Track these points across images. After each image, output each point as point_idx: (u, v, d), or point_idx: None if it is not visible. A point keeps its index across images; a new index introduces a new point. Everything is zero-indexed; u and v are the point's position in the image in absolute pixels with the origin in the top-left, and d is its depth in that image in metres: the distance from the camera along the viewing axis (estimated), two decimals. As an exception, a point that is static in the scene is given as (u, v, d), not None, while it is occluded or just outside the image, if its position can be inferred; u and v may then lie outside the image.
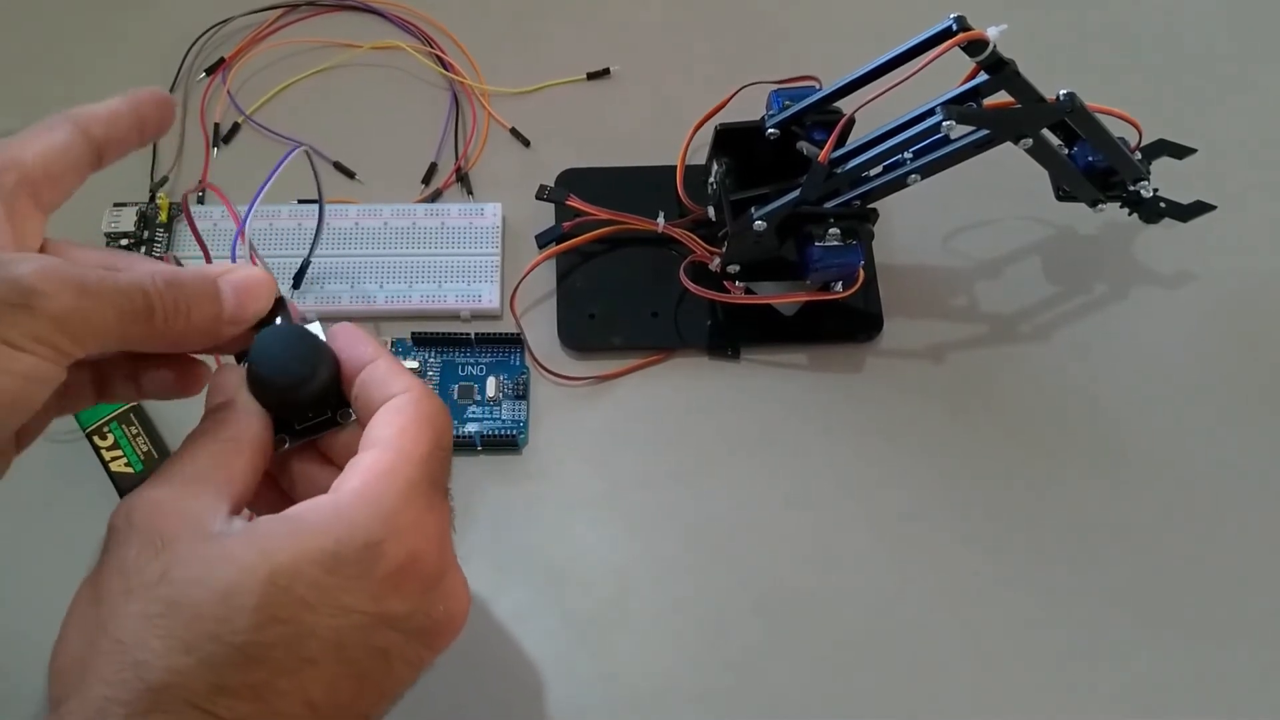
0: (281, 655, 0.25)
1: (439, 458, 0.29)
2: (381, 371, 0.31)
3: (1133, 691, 0.41)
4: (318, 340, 0.31)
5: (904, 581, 0.43)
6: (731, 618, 0.42)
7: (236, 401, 0.30)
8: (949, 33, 0.38)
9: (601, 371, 0.47)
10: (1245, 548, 0.44)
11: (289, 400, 0.30)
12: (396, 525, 0.27)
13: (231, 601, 0.25)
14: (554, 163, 0.51)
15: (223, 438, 0.29)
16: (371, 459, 0.28)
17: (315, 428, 0.31)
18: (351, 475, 0.28)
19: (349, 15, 0.55)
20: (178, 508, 0.27)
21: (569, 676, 0.41)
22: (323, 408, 0.31)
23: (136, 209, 0.48)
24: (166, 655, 0.24)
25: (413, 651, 0.28)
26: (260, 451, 0.30)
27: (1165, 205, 0.46)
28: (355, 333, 0.32)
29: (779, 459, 0.45)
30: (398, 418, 0.29)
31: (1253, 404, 0.46)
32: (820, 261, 0.43)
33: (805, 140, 0.43)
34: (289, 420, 0.31)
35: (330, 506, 0.27)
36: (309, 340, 0.31)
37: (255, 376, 0.30)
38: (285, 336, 0.31)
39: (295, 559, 0.26)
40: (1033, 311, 0.48)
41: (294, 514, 0.27)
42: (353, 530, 0.27)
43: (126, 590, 0.25)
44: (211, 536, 0.26)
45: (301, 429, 0.31)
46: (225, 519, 0.27)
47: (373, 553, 0.27)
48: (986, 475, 0.45)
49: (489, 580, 0.42)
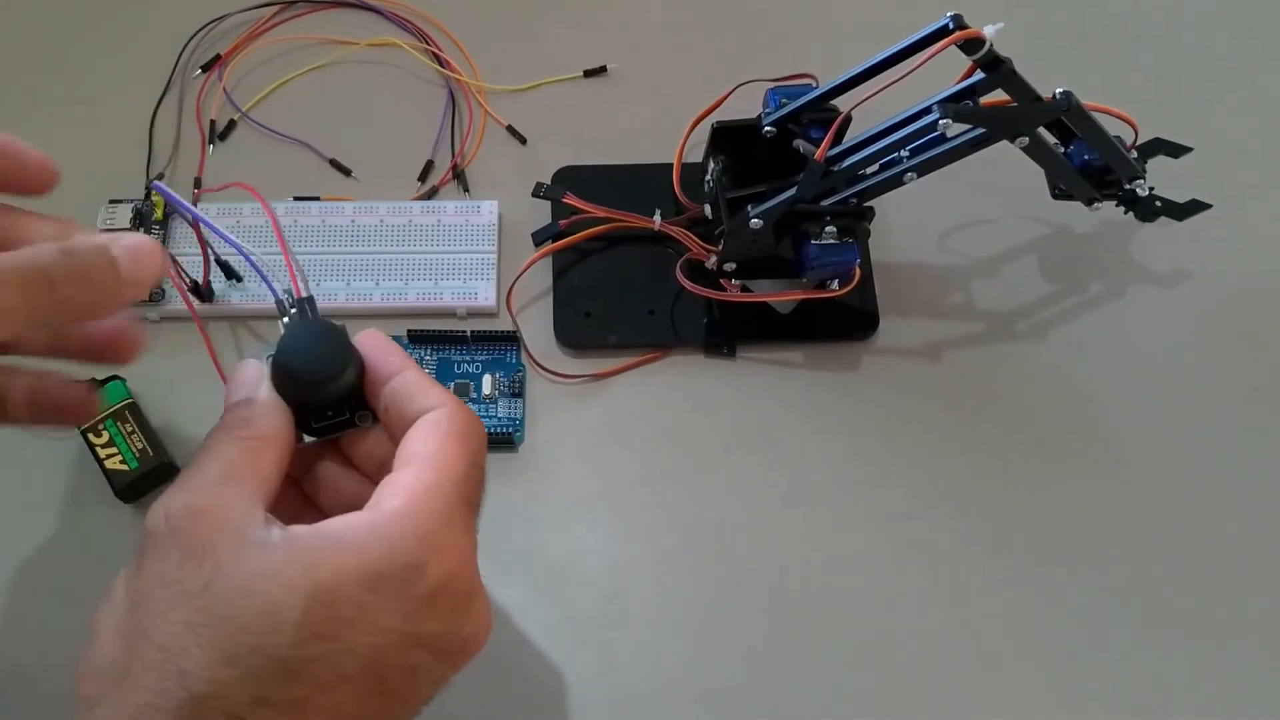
0: (321, 671, 0.25)
1: (475, 477, 0.30)
2: (413, 383, 0.31)
3: (1132, 690, 0.41)
4: (346, 338, 0.31)
5: (901, 580, 0.43)
6: (729, 616, 0.42)
7: (260, 397, 0.30)
8: (945, 31, 0.38)
9: (598, 369, 0.47)
10: (1244, 546, 0.44)
11: (314, 397, 0.30)
12: (436, 546, 0.27)
13: (276, 615, 0.25)
14: (550, 160, 0.51)
15: (250, 435, 0.29)
16: (411, 477, 0.28)
17: (333, 428, 0.31)
18: (391, 493, 0.28)
19: (345, 12, 0.55)
20: (217, 513, 0.27)
21: (567, 674, 0.41)
22: (342, 408, 0.31)
23: (132, 206, 0.48)
24: (210, 666, 0.25)
25: (438, 670, 0.29)
26: (286, 449, 0.30)
27: (1161, 204, 0.46)
28: (384, 340, 0.32)
29: (775, 457, 0.45)
30: (435, 434, 0.29)
31: (1250, 402, 0.47)
32: (816, 260, 0.43)
33: (802, 138, 0.43)
34: (307, 418, 0.31)
35: (370, 525, 0.27)
36: (338, 336, 0.30)
37: (281, 369, 0.30)
38: (315, 330, 0.30)
39: (338, 577, 0.26)
40: (1029, 310, 0.49)
41: (335, 530, 0.27)
42: (394, 551, 0.27)
43: (169, 598, 0.25)
44: (253, 545, 0.26)
45: (319, 428, 0.31)
46: (263, 525, 0.27)
47: (413, 574, 0.27)
48: (983, 474, 0.45)
49: (486, 578, 0.42)
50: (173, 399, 0.45)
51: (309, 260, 0.47)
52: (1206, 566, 0.43)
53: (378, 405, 0.31)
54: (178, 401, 0.45)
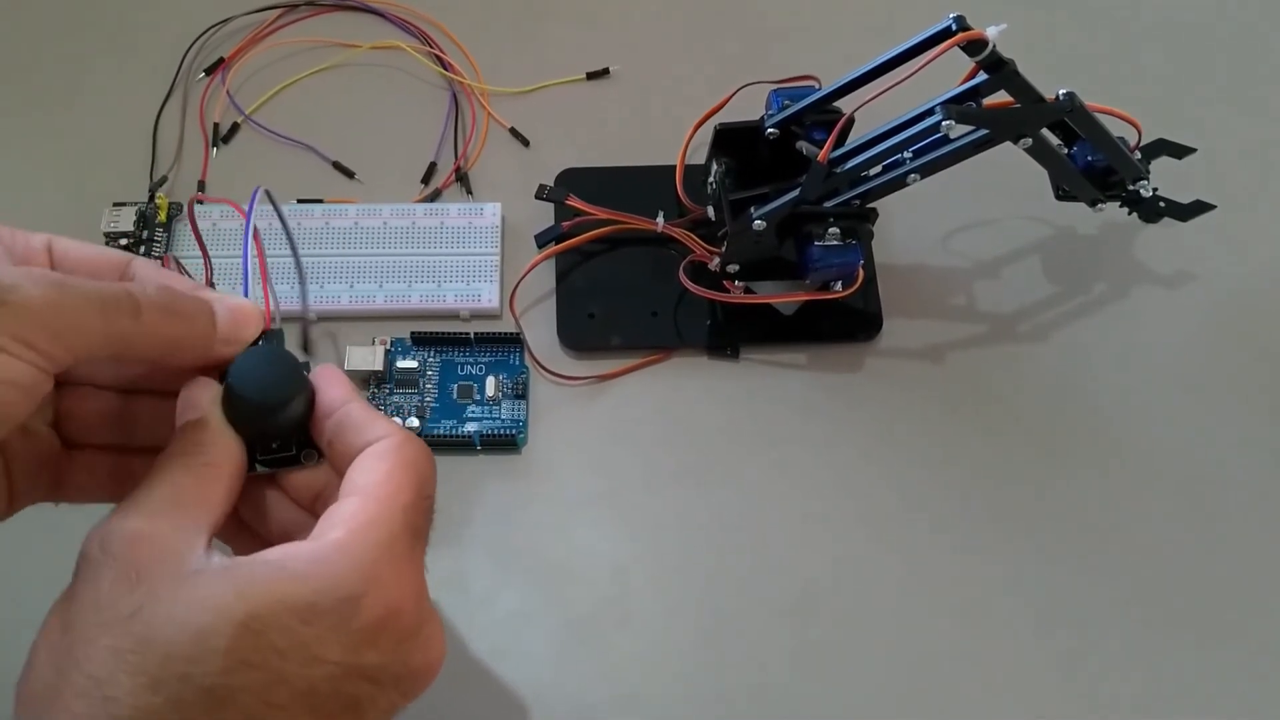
0: (249, 700, 0.25)
1: (422, 507, 0.29)
2: (358, 415, 0.30)
3: (1132, 690, 0.41)
4: (300, 370, 0.30)
5: (904, 581, 0.43)
6: (731, 617, 0.42)
7: (210, 421, 0.29)
8: (948, 32, 0.38)
9: (601, 371, 0.47)
10: (1247, 547, 0.43)
11: (262, 425, 0.29)
12: (377, 579, 0.27)
13: (204, 643, 0.24)
14: (553, 162, 0.51)
15: (200, 462, 0.28)
16: (354, 508, 0.28)
17: (278, 462, 0.30)
18: (333, 523, 0.28)
19: (348, 15, 0.55)
20: (155, 539, 0.26)
21: (568, 676, 0.41)
22: (289, 443, 0.30)
23: (136, 209, 0.48)
24: (135, 693, 0.24)
25: (385, 699, 0.28)
26: (237, 477, 0.29)
27: (1165, 205, 0.46)
28: (335, 372, 0.31)
29: (778, 458, 0.45)
30: (381, 464, 0.29)
31: (1254, 403, 0.46)
32: (820, 261, 0.43)
33: (805, 140, 0.43)
34: (253, 450, 0.30)
35: (310, 555, 0.27)
36: (292, 364, 0.30)
37: (232, 395, 0.29)
38: (269, 357, 0.30)
39: (272, 605, 0.25)
40: (1032, 311, 0.48)
41: (274, 558, 0.27)
42: (333, 582, 0.26)
43: (99, 623, 0.25)
44: (189, 573, 0.26)
45: (264, 460, 0.30)
46: (203, 553, 0.26)
47: (351, 606, 0.26)
48: (986, 475, 0.45)
49: (489, 579, 0.42)
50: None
51: (312, 262, 0.47)
52: (1211, 567, 0.43)
53: (322, 440, 0.31)
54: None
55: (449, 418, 0.45)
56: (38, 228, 0.50)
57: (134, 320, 0.27)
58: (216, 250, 0.47)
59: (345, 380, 0.31)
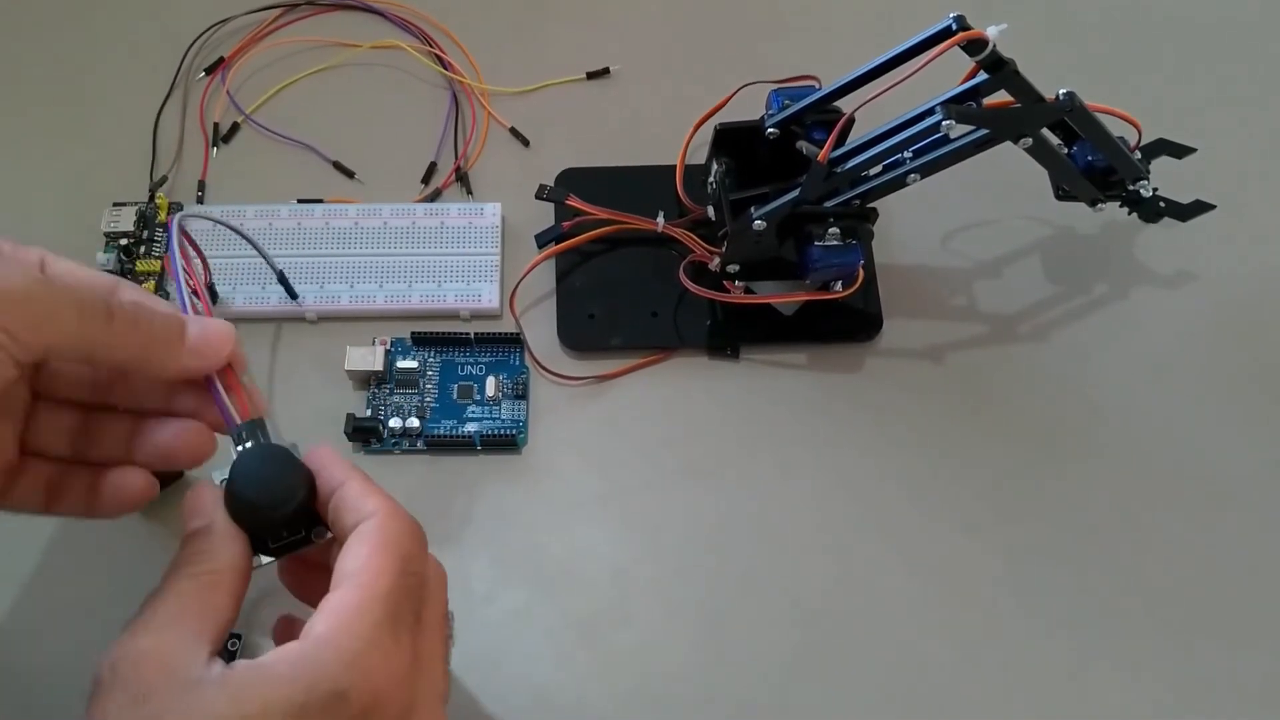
0: None
1: (405, 586, 0.29)
2: (352, 495, 0.31)
3: (1131, 688, 0.41)
4: (296, 460, 0.31)
5: (905, 581, 0.43)
6: (732, 618, 0.42)
7: (215, 526, 0.30)
8: (949, 32, 0.38)
9: (601, 371, 0.47)
10: (1250, 547, 0.43)
11: (266, 521, 0.31)
12: (362, 669, 0.28)
13: None
14: (553, 162, 0.51)
15: (203, 570, 0.30)
16: (338, 599, 0.29)
17: (289, 546, 0.32)
18: (320, 617, 0.29)
19: (348, 15, 0.55)
20: (161, 656, 0.27)
21: (568, 676, 0.41)
22: (297, 527, 0.31)
23: (136, 208, 0.48)
24: None
25: None
26: (241, 578, 0.30)
27: (1165, 205, 0.46)
28: (330, 454, 0.32)
29: (778, 459, 0.45)
30: (363, 548, 0.29)
31: (1255, 403, 0.46)
32: (820, 261, 0.43)
33: (805, 140, 0.43)
34: (264, 539, 0.31)
35: (298, 654, 0.28)
36: (287, 460, 0.31)
37: (234, 497, 0.31)
38: (264, 456, 0.31)
39: (265, 709, 0.26)
40: (1032, 311, 0.48)
41: (267, 662, 0.28)
42: (319, 679, 0.27)
43: None
44: (190, 685, 0.27)
45: (276, 548, 0.31)
46: (205, 663, 0.27)
47: (339, 700, 0.27)
48: (986, 475, 0.45)
49: (489, 579, 0.42)
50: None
51: (312, 263, 0.47)
52: (1212, 567, 0.43)
53: (327, 519, 0.32)
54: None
55: (449, 418, 0.45)
56: (38, 228, 0.50)
57: (106, 323, 0.29)
58: (216, 251, 0.47)
59: (338, 459, 0.32)
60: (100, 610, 0.42)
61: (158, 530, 0.43)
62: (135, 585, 0.43)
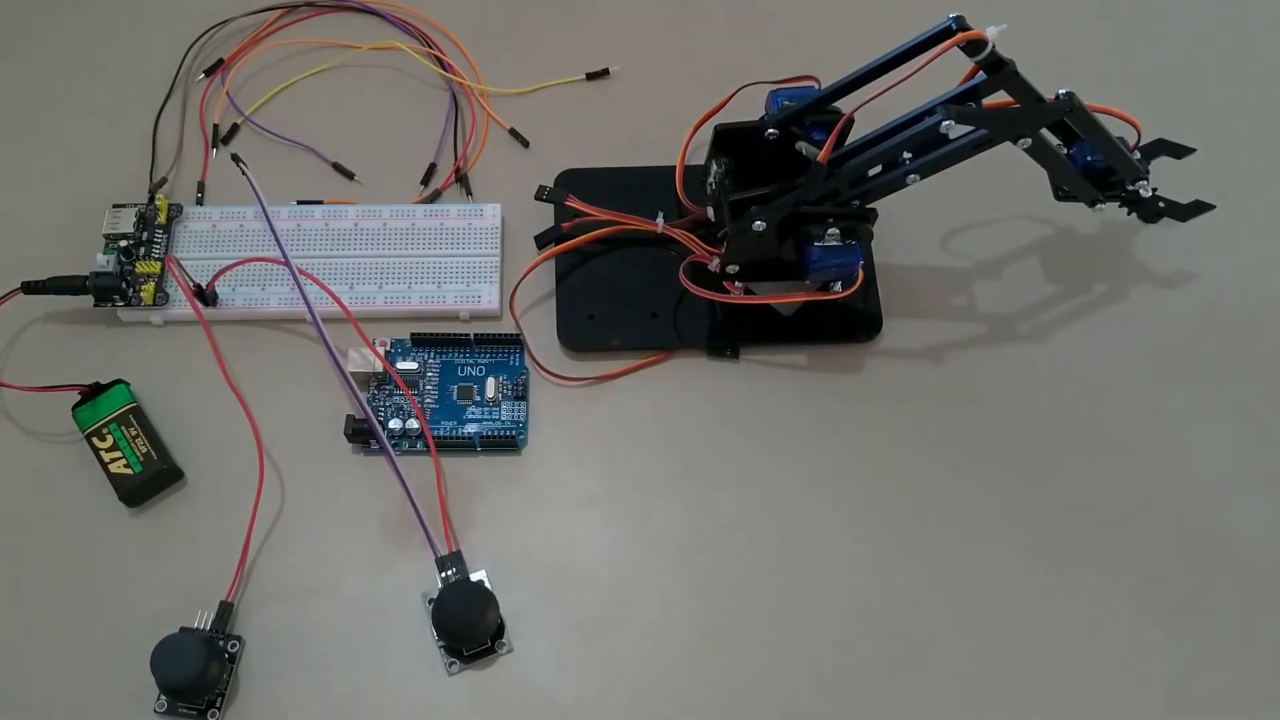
0: None
1: None
2: None
3: (1131, 687, 0.41)
4: (487, 592, 0.41)
5: (905, 580, 0.43)
6: (732, 618, 0.42)
7: None
8: (948, 32, 0.38)
9: (601, 372, 0.47)
10: (1250, 547, 0.43)
11: (469, 639, 0.40)
12: None
13: None
14: (553, 163, 0.51)
15: None
16: None
17: (479, 654, 0.41)
18: None
19: (348, 16, 0.55)
20: None
21: (568, 676, 0.41)
22: (485, 638, 0.41)
23: (135, 210, 0.48)
24: None
25: None
26: None
27: (1164, 205, 0.46)
28: None
29: (778, 459, 0.45)
30: None
31: (1254, 403, 0.46)
32: (819, 262, 0.43)
33: (804, 140, 0.43)
34: (460, 648, 0.41)
35: None
36: (480, 592, 0.41)
37: (439, 625, 0.40)
38: (464, 593, 0.41)
39: None
40: (1032, 311, 0.48)
41: None
42: None
43: None
44: None
45: (471, 654, 0.41)
46: None
47: None
48: (987, 474, 0.45)
49: (489, 580, 0.42)
50: (177, 402, 0.45)
51: (313, 264, 0.47)
52: (1211, 567, 0.43)
53: None
54: (182, 405, 0.45)
55: (449, 419, 0.45)
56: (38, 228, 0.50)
57: None
58: (216, 252, 0.47)
59: None
60: (96, 608, 0.42)
61: (154, 527, 0.43)
62: (128, 580, 0.43)
